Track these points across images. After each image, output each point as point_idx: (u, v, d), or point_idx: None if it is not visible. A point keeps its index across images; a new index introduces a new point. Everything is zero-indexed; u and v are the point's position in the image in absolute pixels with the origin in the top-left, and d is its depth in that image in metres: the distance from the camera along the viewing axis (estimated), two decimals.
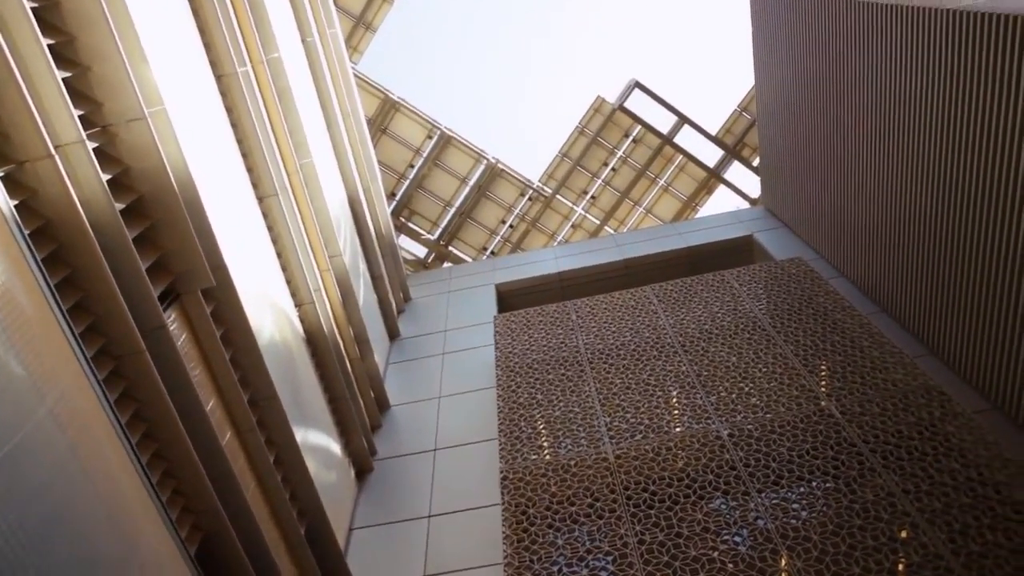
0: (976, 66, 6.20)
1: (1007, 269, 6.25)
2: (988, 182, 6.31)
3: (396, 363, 9.53)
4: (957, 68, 6.46)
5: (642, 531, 5.60)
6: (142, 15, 4.23)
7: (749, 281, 9.08)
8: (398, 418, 8.33)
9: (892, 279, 8.37)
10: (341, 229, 8.36)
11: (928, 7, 6.74)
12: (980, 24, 6.04)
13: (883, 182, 8.18)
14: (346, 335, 7.66)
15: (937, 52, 6.73)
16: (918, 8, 6.88)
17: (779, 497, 5.73)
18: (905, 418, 6.23)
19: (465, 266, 12.79)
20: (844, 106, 8.81)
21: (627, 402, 7.19)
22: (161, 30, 4.72)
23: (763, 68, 11.64)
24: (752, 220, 12.29)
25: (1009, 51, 5.74)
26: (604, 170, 15.86)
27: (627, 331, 8.46)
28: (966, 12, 6.19)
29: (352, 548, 6.43)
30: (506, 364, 8.23)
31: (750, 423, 6.53)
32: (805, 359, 7.31)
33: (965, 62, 6.33)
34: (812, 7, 9.22)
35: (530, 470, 6.48)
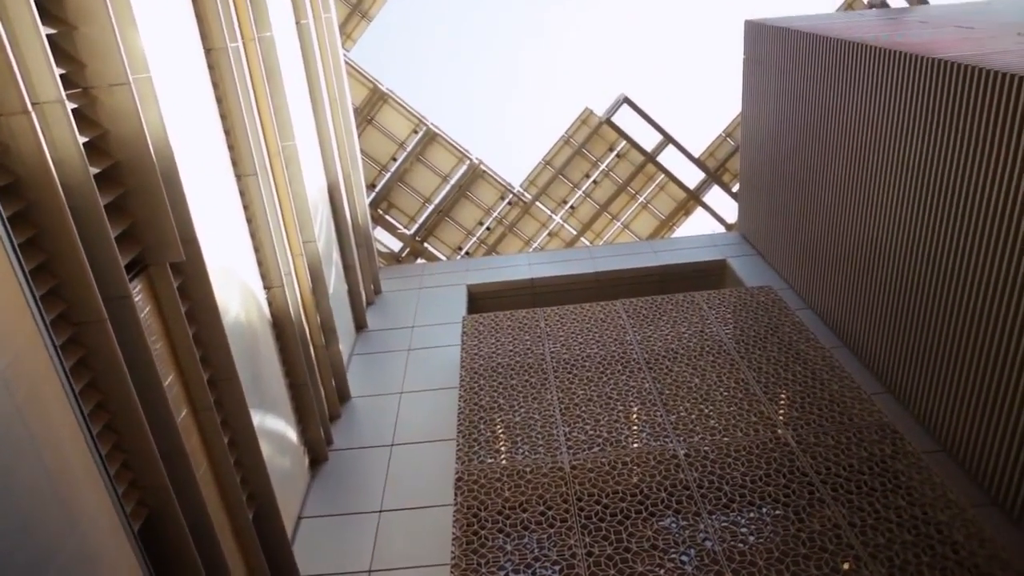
0: (950, 114, 6.34)
1: (966, 318, 6.40)
2: (952, 231, 6.45)
3: (361, 354, 9.46)
4: (932, 115, 6.60)
5: (591, 543, 5.62)
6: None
7: (718, 305, 9.17)
8: (358, 410, 8.27)
9: (856, 316, 8.51)
10: (318, 215, 8.29)
11: (910, 53, 6.88)
12: (956, 74, 6.17)
13: (854, 222, 8.33)
14: (313, 322, 7.59)
15: (914, 97, 6.87)
16: (899, 53, 7.02)
17: (729, 520, 5.79)
18: (858, 452, 6.33)
19: (438, 264, 12.75)
20: (823, 144, 8.95)
21: (587, 414, 7.21)
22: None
23: (751, 98, 11.79)
24: (726, 245, 12.42)
25: (983, 104, 5.88)
26: (585, 181, 15.92)
27: (594, 343, 8.50)
28: (944, 61, 6.33)
29: (300, 536, 6.36)
30: (471, 365, 8.22)
31: (707, 445, 6.59)
32: (766, 386, 7.40)
33: (940, 109, 6.47)
34: (801, 46, 9.36)
35: (485, 473, 6.47)
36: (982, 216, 6.09)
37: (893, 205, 7.50)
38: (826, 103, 8.83)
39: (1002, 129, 5.73)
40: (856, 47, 7.95)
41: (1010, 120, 5.62)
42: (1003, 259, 5.86)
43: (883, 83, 7.47)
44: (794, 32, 9.65)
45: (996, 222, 5.91)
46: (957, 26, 8.86)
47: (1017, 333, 5.78)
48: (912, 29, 9.00)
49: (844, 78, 8.31)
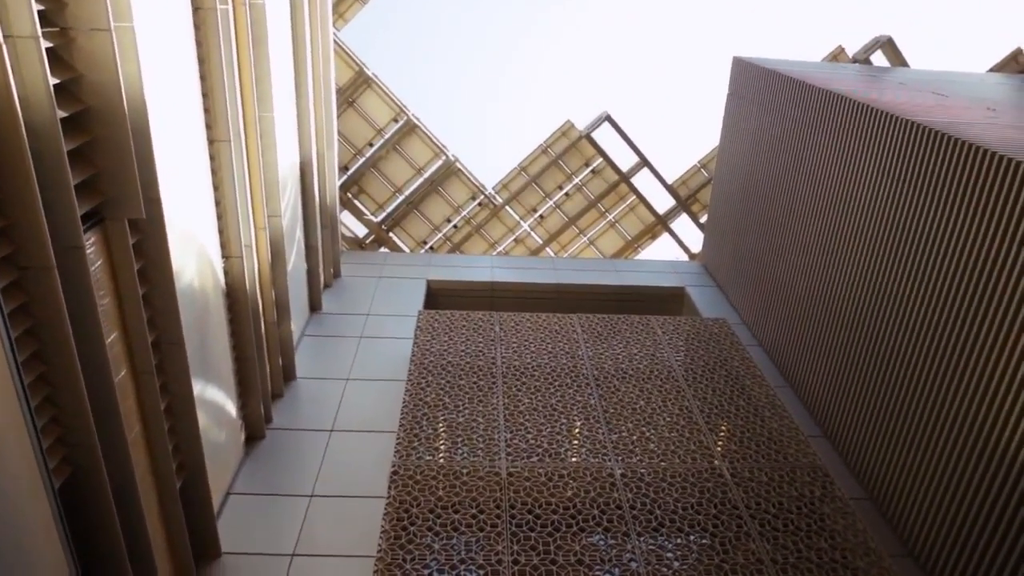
0: (913, 175, 6.53)
1: (903, 376, 6.58)
2: (899, 289, 6.64)
3: (312, 336, 9.35)
4: (896, 173, 6.79)
5: (519, 552, 5.63)
6: None
7: (672, 331, 9.28)
8: (302, 391, 8.17)
9: (803, 359, 8.70)
10: (286, 191, 8.18)
11: (884, 111, 7.07)
12: (925, 138, 6.37)
13: (810, 268, 8.52)
14: (267, 297, 7.48)
15: (881, 154, 7.06)
16: (873, 109, 7.21)
17: (656, 544, 5.86)
18: (788, 491, 6.46)
19: (401, 255, 12.68)
20: (791, 188, 9.15)
21: (530, 423, 7.23)
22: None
23: (730, 134, 11.99)
24: (687, 273, 12.59)
25: (947, 170, 6.07)
26: (558, 193, 15.99)
27: (546, 354, 8.53)
28: (916, 124, 6.53)
29: (226, 512, 6.25)
30: (421, 360, 8.18)
31: (644, 467, 6.66)
32: (708, 417, 7.51)
33: (904, 169, 6.67)
34: (783, 89, 9.56)
35: (422, 470, 6.43)
36: (927, 277, 6.28)
37: (847, 256, 7.69)
38: (799, 148, 9.03)
39: (961, 197, 5.92)
40: (834, 97, 8.14)
41: (970, 189, 5.81)
42: (943, 324, 6.05)
43: (854, 136, 7.66)
44: (778, 75, 9.84)
45: (939, 285, 6.10)
46: (933, 92, 9.14)
47: (946, 396, 5.97)
48: (890, 89, 9.25)
49: (819, 126, 8.51)
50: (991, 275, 5.58)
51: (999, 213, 5.52)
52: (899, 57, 14.74)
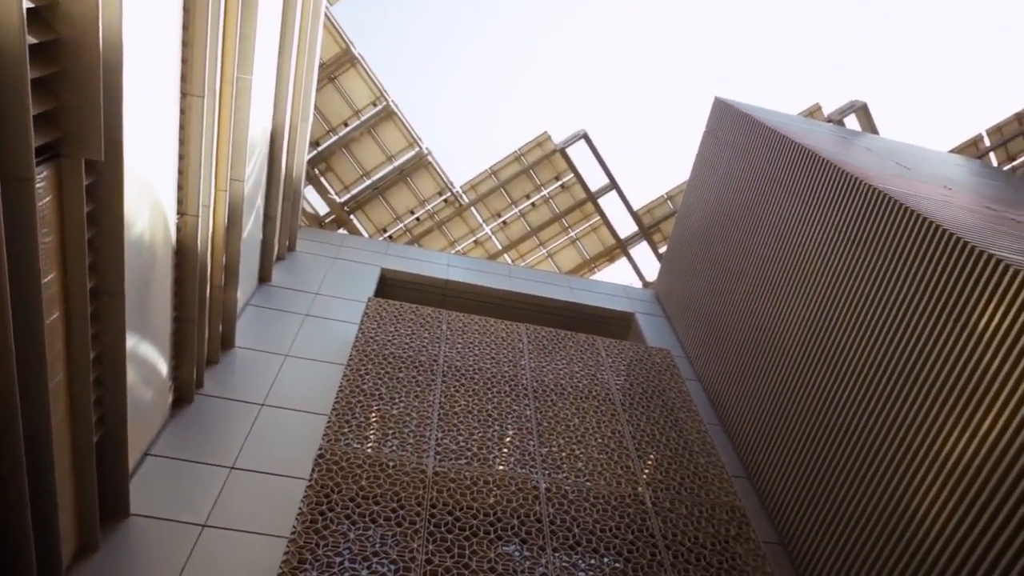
0: (863, 236, 6.74)
1: (830, 431, 6.77)
2: (837, 349, 6.84)
3: (257, 306, 9.19)
4: (848, 232, 7.00)
5: (433, 552, 5.61)
6: None
7: (616, 354, 9.38)
8: (238, 361, 8.01)
9: (737, 401, 8.88)
10: (253, 156, 8.04)
11: (847, 171, 7.29)
12: (881, 203, 6.58)
13: (755, 313, 8.71)
14: (217, 261, 7.32)
15: (838, 212, 7.27)
16: (838, 169, 7.42)
17: (570, 562, 5.89)
18: (705, 527, 6.57)
19: (359, 239, 12.55)
20: (749, 232, 9.35)
21: (463, 425, 7.22)
22: None
23: (700, 171, 12.19)
24: (639, 300, 12.75)
25: (896, 237, 6.28)
26: (524, 202, 16.03)
27: (489, 358, 8.53)
28: (875, 189, 6.74)
29: (141, 472, 6.08)
30: (363, 347, 8.10)
31: (569, 484, 6.70)
32: (639, 444, 7.60)
33: (856, 230, 6.87)
34: (757, 136, 9.77)
35: (348, 457, 6.37)
36: (863, 340, 6.48)
37: (792, 307, 7.88)
38: (763, 195, 9.23)
39: (907, 268, 6.13)
40: (804, 152, 8.35)
41: (917, 262, 6.02)
42: (872, 388, 6.25)
43: (817, 192, 7.87)
44: (755, 121, 10.06)
45: (873, 349, 6.30)
46: (897, 163, 9.45)
47: (865, 457, 6.15)
48: (857, 152, 9.53)
49: (786, 177, 8.72)
50: (922, 349, 5.78)
51: (941, 290, 5.72)
52: (870, 123, 15.21)
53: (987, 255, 5.39)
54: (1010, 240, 6.07)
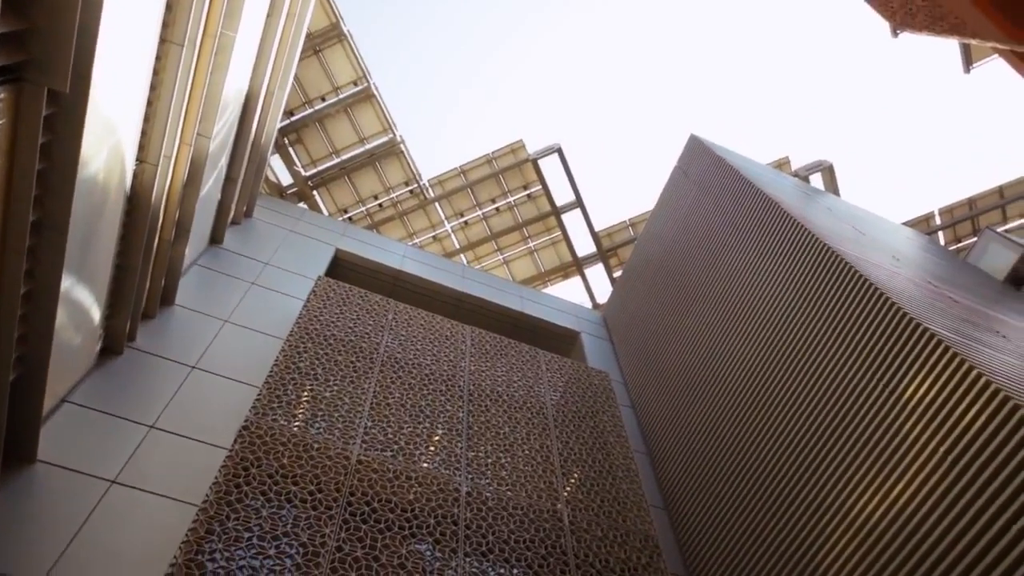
0: (812, 293, 6.93)
1: (751, 474, 6.92)
2: (770, 397, 7.01)
3: (204, 267, 8.98)
4: (800, 289, 7.19)
5: (345, 540, 5.55)
6: None
7: (556, 370, 9.43)
8: (175, 319, 7.81)
9: (666, 433, 9.01)
10: (224, 115, 7.87)
11: (807, 229, 7.48)
12: (834, 264, 6.78)
13: (696, 351, 8.86)
14: (170, 214, 7.14)
15: (793, 268, 7.46)
16: (799, 225, 7.62)
17: (480, 568, 5.89)
18: (617, 552, 6.65)
19: (318, 216, 12.39)
20: (702, 271, 9.52)
21: (394, 417, 7.17)
22: None
23: (664, 205, 12.36)
24: (587, 320, 12.85)
25: (842, 299, 6.48)
26: (489, 205, 16.05)
27: (429, 355, 8.50)
28: (832, 251, 6.94)
29: (54, 419, 5.87)
30: (306, 325, 7.99)
31: (490, 491, 6.70)
32: (565, 461, 7.65)
33: (807, 286, 7.07)
34: (726, 178, 9.97)
35: (273, 433, 6.26)
36: (795, 391, 6.65)
37: (732, 349, 8.05)
38: (722, 237, 9.42)
39: (848, 329, 6.32)
40: (769, 203, 8.55)
41: (858, 324, 6.21)
42: (797, 439, 6.42)
43: (774, 244, 8.06)
44: (726, 164, 10.26)
45: (804, 401, 6.48)
46: (853, 226, 9.74)
47: (780, 505, 6.31)
48: (818, 211, 9.80)
49: (746, 224, 8.91)
50: (850, 408, 5.96)
51: (876, 354, 5.91)
52: (834, 184, 15.65)
53: (923, 328, 5.59)
54: (945, 317, 6.31)
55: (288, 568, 5.17)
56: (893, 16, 6.31)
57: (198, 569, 4.93)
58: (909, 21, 6.21)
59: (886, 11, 6.29)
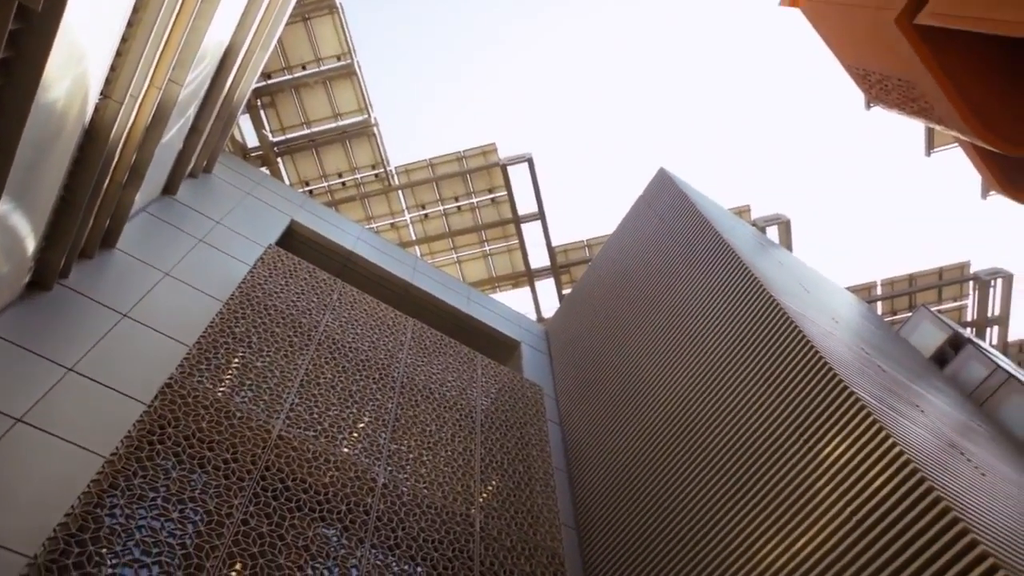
0: (749, 340, 7.10)
1: (667, 507, 7.04)
2: (696, 435, 7.14)
3: (152, 215, 8.72)
4: (738, 333, 7.36)
5: (253, 513, 5.44)
6: None
7: (492, 376, 9.44)
8: (114, 264, 7.57)
9: (590, 455, 9.09)
10: (199, 66, 7.68)
11: (756, 278, 7.67)
12: (778, 319, 6.96)
13: (629, 379, 8.98)
14: (126, 156, 6.92)
15: (736, 311, 7.64)
16: (750, 274, 7.80)
17: (384, 562, 5.85)
18: (523, 565, 6.67)
19: (278, 184, 12.17)
20: (645, 306, 9.67)
21: (323, 398, 7.08)
22: None
23: (623, 232, 12.52)
24: (530, 332, 12.90)
25: (778, 350, 6.65)
26: (452, 203, 16.02)
27: (368, 341, 8.42)
28: (777, 303, 7.12)
29: None
30: (248, 291, 7.83)
31: (407, 486, 6.66)
32: (485, 468, 7.65)
33: (746, 332, 7.24)
34: (685, 216, 10.15)
35: (196, 395, 6.11)
36: (721, 431, 6.80)
37: (664, 378, 8.18)
38: (674, 272, 9.58)
39: (778, 376, 6.49)
40: (725, 248, 8.73)
41: (786, 373, 6.39)
42: (719, 481, 6.55)
43: (723, 287, 8.23)
44: (689, 202, 10.45)
45: (730, 442, 6.62)
46: (800, 283, 10.01)
47: (690, 542, 6.43)
48: (770, 263, 10.04)
49: (699, 263, 9.08)
50: (768, 456, 6.12)
51: (802, 410, 6.08)
52: (788, 239, 16.07)
53: (849, 391, 5.78)
54: (871, 384, 6.54)
55: (189, 534, 5.05)
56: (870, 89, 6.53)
57: (95, 522, 4.77)
58: (883, 97, 6.43)
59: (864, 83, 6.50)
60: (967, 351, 12.50)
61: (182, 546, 4.99)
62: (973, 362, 12.18)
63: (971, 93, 5.15)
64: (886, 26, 5.17)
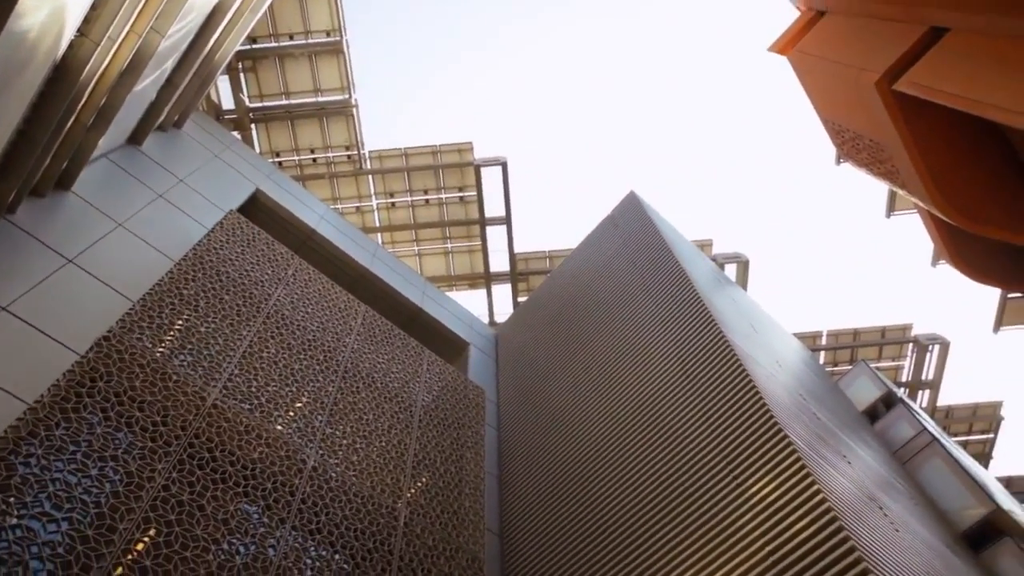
0: (697, 379, 7.22)
1: (592, 529, 7.10)
2: (626, 464, 7.23)
3: (114, 162, 8.49)
4: (688, 364, 7.47)
5: (175, 479, 5.33)
6: None
7: (437, 373, 9.42)
8: (66, 206, 7.34)
9: (523, 465, 9.12)
10: (185, 19, 7.52)
11: (712, 316, 7.79)
12: (724, 354, 7.08)
13: (571, 399, 9.05)
14: (96, 97, 6.73)
15: (685, 341, 7.75)
16: (706, 309, 7.93)
17: (302, 546, 5.77)
18: (442, 565, 6.65)
19: (248, 151, 11.97)
20: (599, 323, 9.75)
21: (263, 372, 6.97)
22: None
23: (585, 249, 12.61)
24: (480, 335, 12.89)
25: (720, 383, 6.77)
26: (420, 195, 15.95)
27: (317, 321, 8.32)
28: (726, 340, 7.25)
29: None
30: (203, 255, 7.68)
31: (336, 472, 6.60)
32: (417, 463, 7.62)
33: (695, 369, 7.36)
34: (648, 243, 10.27)
35: (133, 352, 5.96)
36: (649, 459, 6.89)
37: (603, 404, 8.26)
38: (629, 296, 9.68)
39: (712, 410, 6.60)
40: (684, 278, 8.86)
41: (724, 408, 6.51)
42: (637, 501, 6.63)
43: (674, 315, 8.35)
44: (654, 229, 10.58)
45: (654, 469, 6.71)
46: (750, 323, 10.20)
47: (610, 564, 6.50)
48: (724, 299, 10.22)
49: (655, 290, 9.19)
50: (696, 490, 6.21)
51: (734, 446, 6.20)
52: (745, 278, 16.38)
53: (783, 433, 5.91)
54: (804, 429, 6.70)
55: (106, 493, 4.92)
56: (842, 145, 6.70)
57: (7, 470, 4.61)
58: (854, 155, 6.60)
59: (838, 138, 6.67)
60: (898, 410, 12.89)
61: (96, 505, 4.85)
62: (902, 421, 12.56)
63: (937, 164, 5.32)
64: (866, 87, 5.31)
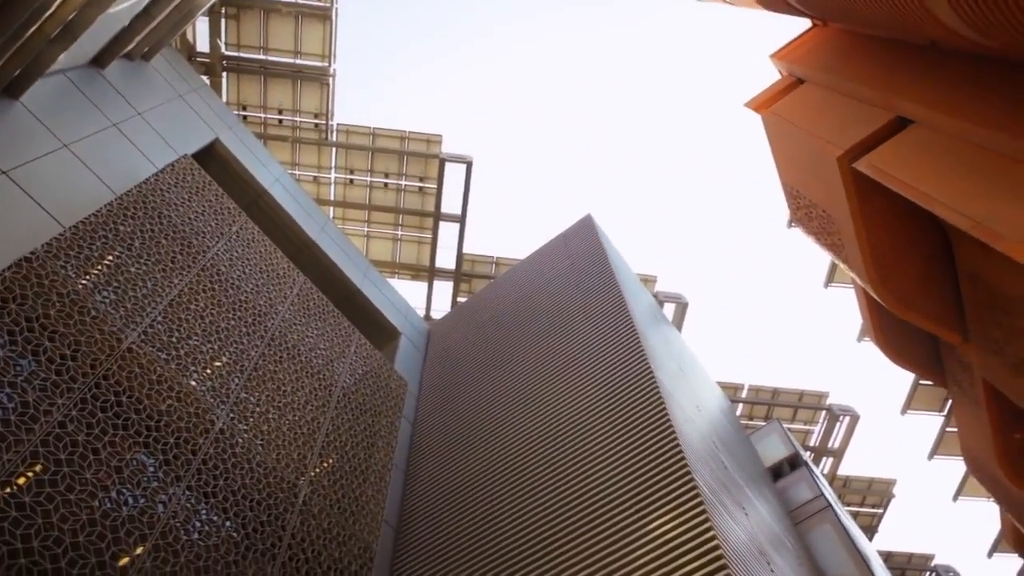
0: (619, 411, 7.32)
1: (491, 545, 7.12)
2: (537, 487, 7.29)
3: (71, 81, 8.16)
4: (618, 399, 7.57)
5: (74, 418, 5.14)
6: None
7: (363, 357, 9.32)
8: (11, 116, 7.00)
9: (433, 465, 9.09)
10: None
11: (644, 349, 7.93)
12: (648, 390, 7.21)
13: (491, 409, 9.08)
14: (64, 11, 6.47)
15: (610, 374, 7.86)
16: (636, 338, 8.05)
17: (194, 508, 5.63)
18: (332, 550, 6.57)
19: (215, 98, 11.66)
20: (530, 337, 9.82)
21: (187, 323, 6.79)
22: None
23: (531, 263, 12.68)
24: (413, 327, 12.82)
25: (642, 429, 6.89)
26: (380, 177, 15.81)
27: (253, 283, 8.15)
28: (652, 376, 7.38)
29: None
30: (147, 194, 7.44)
31: (243, 439, 6.46)
32: (326, 445, 7.52)
33: (619, 400, 7.46)
34: (594, 269, 10.40)
35: (53, 281, 5.73)
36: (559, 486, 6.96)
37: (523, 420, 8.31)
38: (565, 316, 9.77)
39: (629, 446, 6.72)
40: (623, 308, 8.99)
41: (641, 445, 6.62)
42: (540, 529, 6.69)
43: (606, 342, 8.46)
44: (603, 255, 10.71)
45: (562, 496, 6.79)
46: (678, 364, 10.41)
47: None
48: (657, 336, 10.41)
49: (591, 314, 9.30)
50: (599, 524, 6.30)
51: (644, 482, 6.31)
52: (681, 320, 16.71)
53: (690, 476, 6.04)
54: (711, 476, 6.86)
55: None
56: (796, 211, 6.93)
57: None
58: (805, 222, 6.84)
59: (793, 203, 6.89)
60: (801, 472, 13.32)
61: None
62: (803, 483, 12.98)
63: (880, 247, 5.55)
64: (828, 160, 5.51)
